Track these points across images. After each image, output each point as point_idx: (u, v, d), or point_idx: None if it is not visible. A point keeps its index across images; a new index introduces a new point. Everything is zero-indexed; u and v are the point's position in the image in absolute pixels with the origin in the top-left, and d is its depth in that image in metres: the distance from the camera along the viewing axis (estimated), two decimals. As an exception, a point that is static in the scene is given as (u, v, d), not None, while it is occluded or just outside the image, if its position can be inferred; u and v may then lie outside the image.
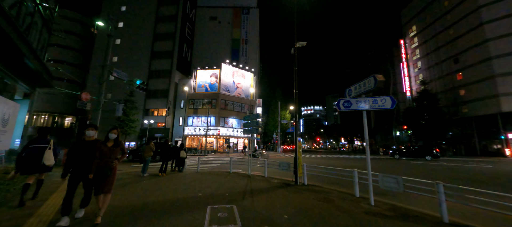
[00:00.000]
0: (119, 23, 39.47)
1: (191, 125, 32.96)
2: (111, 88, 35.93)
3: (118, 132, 3.73)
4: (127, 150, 6.63)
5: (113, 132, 3.67)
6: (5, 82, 6.81)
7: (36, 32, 7.54)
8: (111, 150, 3.52)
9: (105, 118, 34.26)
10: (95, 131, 3.67)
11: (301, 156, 7.56)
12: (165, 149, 8.80)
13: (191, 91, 34.55)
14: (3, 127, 6.47)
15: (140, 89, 14.46)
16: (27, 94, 8.52)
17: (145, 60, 36.95)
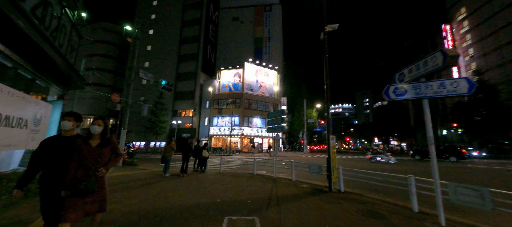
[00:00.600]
0: (150, 31, 42.08)
1: (216, 125, 33.34)
2: (144, 91, 38.45)
3: (105, 124, 2.44)
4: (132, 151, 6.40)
5: (97, 124, 2.39)
6: (38, 84, 7.09)
7: (65, 35, 7.75)
8: (95, 152, 2.30)
9: (139, 119, 36.85)
10: (74, 123, 2.39)
11: (335, 157, 6.44)
12: (185, 148, 8.46)
13: (216, 92, 34.99)
14: (35, 126, 6.72)
15: (165, 89, 14.72)
16: (61, 95, 8.97)
17: (172, 63, 38.68)
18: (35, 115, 6.85)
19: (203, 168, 9.72)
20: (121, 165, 11.60)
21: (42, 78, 7.02)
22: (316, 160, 18.40)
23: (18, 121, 5.94)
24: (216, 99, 34.41)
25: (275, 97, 36.34)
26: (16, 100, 5.71)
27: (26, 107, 6.29)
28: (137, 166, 11.55)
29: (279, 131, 8.23)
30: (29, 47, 5.74)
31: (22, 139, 6.28)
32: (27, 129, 6.50)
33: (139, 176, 7.95)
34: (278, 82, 37.59)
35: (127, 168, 10.52)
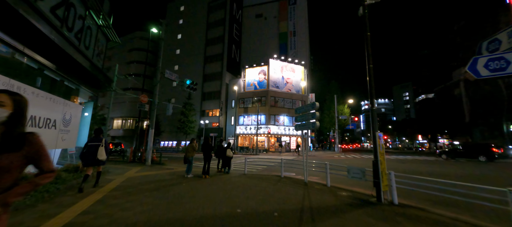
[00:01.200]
0: (178, 35, 44.11)
1: (242, 124, 33.13)
2: (174, 93, 40.45)
3: (13, 102, 1.31)
4: None
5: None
6: (67, 86, 7.28)
7: (91, 37, 7.87)
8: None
9: (171, 120, 38.89)
10: None
11: (384, 159, 5.11)
12: (206, 147, 7.94)
13: (241, 90, 34.81)
14: (65, 127, 6.90)
15: (190, 88, 14.67)
16: (92, 97, 9.33)
17: (199, 65, 39.81)
18: (64, 115, 7.03)
19: (227, 169, 9.14)
20: (149, 164, 11.80)
21: (70, 80, 7.20)
22: (353, 161, 16.51)
23: (46, 121, 6.06)
24: (241, 98, 34.22)
25: (303, 94, 34.55)
26: (42, 100, 5.80)
27: (53, 107, 6.44)
28: (163, 165, 11.60)
29: (309, 128, 7.12)
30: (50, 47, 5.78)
31: (51, 139, 6.44)
32: (56, 129, 6.67)
33: (161, 176, 7.70)
34: (305, 77, 35.67)
35: (154, 167, 10.56)
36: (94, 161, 5.38)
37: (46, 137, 6.01)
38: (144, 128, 44.10)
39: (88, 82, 8.32)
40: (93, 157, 5.34)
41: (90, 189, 5.42)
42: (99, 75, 8.39)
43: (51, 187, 4.74)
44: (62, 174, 5.85)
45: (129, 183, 6.24)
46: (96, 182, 5.81)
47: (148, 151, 11.94)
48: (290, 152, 29.48)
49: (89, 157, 5.34)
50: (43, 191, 4.43)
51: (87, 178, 5.31)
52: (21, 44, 4.79)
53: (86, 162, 5.39)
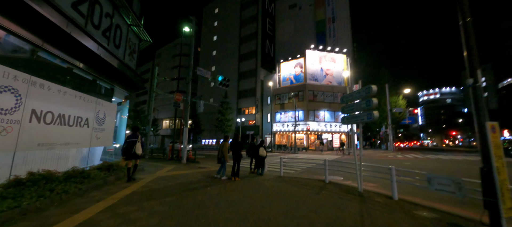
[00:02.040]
0: (214, 37, 45.56)
1: (279, 121, 31.75)
2: (212, 93, 41.94)
3: None
4: None
5: None
6: (100, 85, 7.38)
7: (121, 36, 7.85)
8: None
9: (210, 119, 40.45)
10: None
11: (504, 166, 3.13)
12: (236, 146, 7.00)
13: (276, 86, 33.44)
14: (99, 125, 6.97)
15: (222, 85, 14.20)
16: (127, 97, 9.57)
17: (234, 63, 40.14)
18: (97, 114, 7.12)
19: (260, 170, 8.07)
20: (185, 162, 11.73)
21: (101, 79, 7.27)
22: (417, 163, 13.35)
23: (76, 120, 6.08)
24: (277, 93, 32.84)
25: (346, 85, 30.88)
26: (70, 98, 5.78)
27: (84, 106, 6.48)
28: (198, 164, 11.33)
29: (362, 120, 5.37)
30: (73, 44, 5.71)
31: (84, 137, 6.50)
32: (89, 127, 6.75)
33: (190, 177, 7.14)
34: (348, 67, 31.82)
35: (188, 166, 10.31)
36: (132, 155, 5.99)
37: (78, 136, 6.03)
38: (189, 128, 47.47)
39: (122, 82, 8.44)
40: (132, 152, 5.96)
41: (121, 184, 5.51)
42: (131, 75, 8.42)
43: (72, 187, 4.49)
44: (92, 172, 5.76)
45: (153, 185, 5.77)
46: (133, 173, 6.29)
47: (183, 149, 11.91)
48: (332, 151, 26.66)
49: (128, 151, 5.96)
50: (61, 192, 4.17)
51: (129, 170, 6.09)
52: (41, 39, 4.68)
53: (127, 156, 6.01)
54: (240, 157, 6.97)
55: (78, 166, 5.90)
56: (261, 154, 7.98)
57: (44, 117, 4.83)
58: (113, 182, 5.92)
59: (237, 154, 6.95)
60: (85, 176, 5.42)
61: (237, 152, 6.96)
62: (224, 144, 7.06)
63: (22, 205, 3.39)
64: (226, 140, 7.19)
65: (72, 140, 5.71)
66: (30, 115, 4.45)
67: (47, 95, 4.86)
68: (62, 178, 4.70)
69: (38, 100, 4.64)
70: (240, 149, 7.00)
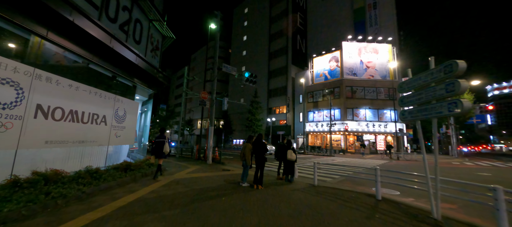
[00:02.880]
0: (244, 37, 45.53)
1: (312, 121, 29.49)
2: (243, 93, 41.88)
3: None
4: None
5: None
6: (121, 82, 7.17)
7: (142, 31, 7.56)
8: None
9: (240, 119, 40.43)
10: None
11: None
12: (258, 148, 5.87)
13: (309, 83, 31.20)
14: (118, 123, 6.73)
15: (249, 82, 13.29)
16: (152, 95, 9.41)
17: (264, 62, 39.23)
18: (116, 111, 6.90)
19: (289, 177, 6.79)
20: (210, 162, 11.19)
21: (121, 75, 7.05)
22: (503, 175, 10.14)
23: (92, 117, 5.83)
24: (309, 91, 30.59)
25: (392, 79, 26.82)
26: (84, 94, 5.51)
27: (101, 102, 6.23)
28: (222, 165, 10.62)
29: (439, 114, 3.63)
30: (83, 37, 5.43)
31: (101, 135, 6.25)
32: (107, 125, 6.52)
33: (208, 182, 6.33)
34: (394, 57, 27.58)
35: (212, 167, 9.67)
36: (162, 154, 6.50)
37: (94, 133, 5.76)
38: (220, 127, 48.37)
39: (143, 79, 8.22)
40: (160, 151, 6.46)
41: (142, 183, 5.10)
42: (152, 71, 8.13)
43: (73, 190, 4.03)
44: (106, 173, 5.40)
45: (164, 191, 5.08)
46: (155, 175, 6.49)
47: (208, 150, 11.40)
48: (376, 155, 23.27)
49: (157, 150, 6.47)
50: (57, 196, 3.71)
51: (160, 167, 6.58)
52: (45, 28, 4.38)
53: (157, 155, 6.51)
54: (263, 161, 5.83)
55: (94, 166, 5.63)
56: (290, 158, 6.69)
57: (53, 113, 4.54)
58: (125, 184, 5.47)
59: (261, 158, 5.83)
60: (96, 177, 5.04)
61: (260, 155, 5.84)
62: (246, 145, 6.03)
63: (2, 213, 2.91)
64: (249, 140, 6.14)
65: (87, 138, 5.44)
66: (35, 110, 4.16)
67: (55, 90, 4.57)
68: (67, 179, 4.31)
69: (45, 94, 4.35)
70: (263, 152, 5.86)
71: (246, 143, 6.08)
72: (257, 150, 5.88)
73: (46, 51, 4.75)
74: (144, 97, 8.91)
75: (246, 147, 5.99)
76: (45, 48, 4.72)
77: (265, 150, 5.89)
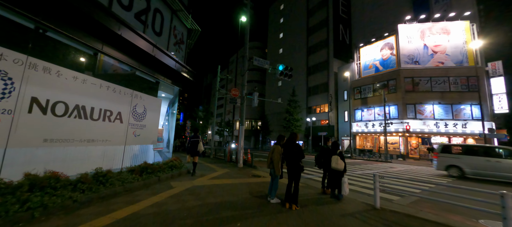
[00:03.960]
0: (280, 34, 43.91)
1: (360, 120, 25.56)
2: (280, 92, 40.24)
3: None
4: None
5: None
6: (141, 77, 6.67)
7: (163, 22, 6.98)
8: None
9: (278, 119, 38.81)
10: None
11: None
12: (291, 153, 4.28)
13: (355, 77, 27.29)
14: (137, 120, 6.20)
15: (284, 76, 11.74)
16: (179, 92, 8.85)
17: (302, 58, 36.69)
18: (134, 108, 6.37)
19: (337, 192, 4.96)
20: (241, 165, 10.10)
21: (140, 69, 6.53)
22: None
23: (103, 113, 5.32)
24: (356, 86, 26.68)
25: (470, 65, 20.81)
26: (93, 88, 4.95)
27: (114, 97, 5.67)
28: (253, 170, 9.36)
29: None
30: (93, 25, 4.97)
31: (115, 134, 5.66)
32: (123, 123, 6.00)
33: (230, 192, 5.11)
34: (475, 37, 21.38)
35: (241, 172, 8.51)
36: (196, 152, 7.04)
37: (107, 132, 5.23)
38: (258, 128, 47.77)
39: (166, 74, 7.65)
40: (195, 150, 7.01)
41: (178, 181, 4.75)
42: (175, 66, 7.50)
43: (57, 201, 3.33)
44: (117, 176, 4.77)
45: (171, 204, 4.06)
46: (193, 172, 7.07)
47: (238, 152, 10.34)
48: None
49: (193, 149, 7.04)
50: (36, 206, 3.02)
51: (195, 165, 7.11)
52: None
53: (191, 154, 7.11)
54: (299, 170, 4.21)
55: (110, 167, 5.09)
56: (335, 167, 4.85)
57: (53, 108, 4.05)
58: (134, 190, 4.71)
59: (294, 166, 4.23)
60: (102, 181, 4.41)
61: (293, 162, 4.24)
62: (275, 148, 4.53)
63: None
64: (279, 141, 4.62)
65: (97, 137, 4.92)
66: (29, 104, 3.67)
67: (56, 82, 4.08)
68: (64, 184, 3.69)
69: (42, 87, 3.86)
70: (298, 157, 4.24)
71: (275, 145, 4.58)
72: (290, 155, 4.30)
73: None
74: (169, 94, 8.42)
75: (274, 150, 4.50)
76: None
77: (300, 155, 4.27)
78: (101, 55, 5.36)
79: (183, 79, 8.53)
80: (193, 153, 7.05)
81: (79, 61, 4.89)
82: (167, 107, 8.98)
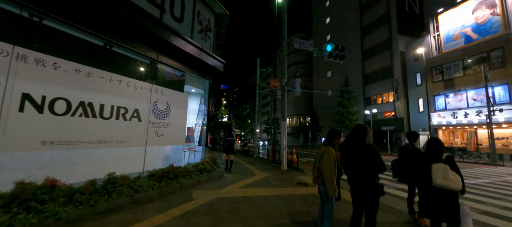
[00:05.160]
0: (326, 19, 39.49)
1: (444, 109, 19.55)
2: (330, 84, 36.11)
3: None
4: None
5: None
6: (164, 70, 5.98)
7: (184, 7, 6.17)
8: None
9: (329, 114, 34.89)
10: None
11: None
12: (352, 158, 2.42)
13: (432, 54, 21.16)
14: (159, 118, 5.51)
15: (334, 57, 9.46)
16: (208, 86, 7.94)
17: (356, 42, 31.61)
18: (154, 104, 5.67)
19: (444, 227, 2.76)
20: (285, 168, 8.50)
21: (159, 61, 5.81)
22: None
23: (116, 111, 4.69)
24: (435, 65, 20.58)
25: None
26: (101, 82, 4.41)
27: (128, 92, 5.00)
28: (300, 174, 7.60)
29: None
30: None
31: (132, 134, 5.05)
32: (142, 122, 5.37)
33: (262, 212, 3.66)
34: None
35: (284, 177, 6.92)
36: (232, 150, 7.28)
37: (123, 132, 4.59)
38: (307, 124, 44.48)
39: (191, 66, 6.80)
40: (231, 148, 7.26)
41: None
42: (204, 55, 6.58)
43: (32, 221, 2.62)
44: (132, 184, 4.04)
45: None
46: (230, 169, 7.32)
47: (281, 151, 8.76)
48: None
49: (228, 147, 7.26)
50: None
51: (230, 162, 7.35)
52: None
53: (227, 151, 7.28)
54: (374, 192, 2.32)
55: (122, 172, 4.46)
56: (446, 185, 2.60)
57: (51, 106, 3.52)
58: (145, 202, 3.84)
59: (364, 184, 2.35)
60: (109, 190, 3.70)
61: (362, 178, 2.37)
62: (325, 151, 2.75)
63: None
64: (333, 139, 2.83)
65: (110, 138, 4.32)
66: (20, 102, 3.17)
67: (53, 76, 3.55)
68: (55, 195, 3.05)
69: (36, 81, 3.35)
70: (372, 169, 2.35)
71: (326, 147, 2.80)
72: (354, 164, 2.46)
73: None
74: (199, 89, 7.63)
75: (324, 154, 2.71)
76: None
77: (377, 165, 2.35)
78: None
79: (213, 72, 7.58)
80: (229, 151, 7.29)
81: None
82: (199, 104, 8.26)
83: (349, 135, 2.62)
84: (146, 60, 5.51)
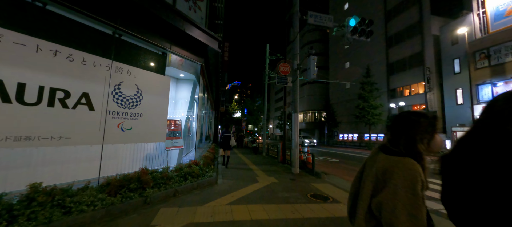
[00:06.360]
0: (345, 6, 36.32)
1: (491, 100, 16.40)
2: (348, 76, 33.21)
3: None
4: None
5: None
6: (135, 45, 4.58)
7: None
8: None
9: (347, 108, 32.18)
10: None
11: None
12: None
13: (476, 36, 17.87)
14: (126, 107, 4.15)
15: (359, 33, 7.56)
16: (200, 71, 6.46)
17: (379, 28, 28.38)
18: (117, 87, 4.29)
19: None
20: (297, 171, 6.87)
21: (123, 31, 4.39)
22: None
23: (49, 94, 3.27)
24: (480, 49, 17.32)
25: None
26: (19, 50, 3.11)
27: (74, 71, 3.72)
28: (316, 181, 5.91)
29: None
30: None
31: (79, 126, 3.65)
32: (95, 110, 4.01)
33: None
34: None
35: (294, 184, 5.31)
36: (229, 146, 7.35)
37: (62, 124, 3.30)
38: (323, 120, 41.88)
39: (181, 45, 5.36)
40: (227, 144, 7.33)
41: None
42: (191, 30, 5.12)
43: None
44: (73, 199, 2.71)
45: None
46: (226, 164, 7.37)
47: (293, 150, 7.11)
48: None
49: (225, 143, 7.34)
50: None
51: (227, 158, 7.39)
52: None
53: (224, 147, 7.39)
54: None
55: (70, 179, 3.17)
56: None
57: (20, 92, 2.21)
58: None
59: None
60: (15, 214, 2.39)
61: None
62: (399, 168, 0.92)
63: None
64: (415, 134, 0.99)
65: (39, 132, 3.01)
66: None
67: None
68: None
69: None
70: None
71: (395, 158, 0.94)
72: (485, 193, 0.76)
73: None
74: (190, 74, 6.19)
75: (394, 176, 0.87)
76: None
77: None
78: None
79: (206, 53, 6.09)
80: (225, 147, 7.33)
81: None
82: (191, 93, 6.85)
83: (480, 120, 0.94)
84: (106, 29, 4.10)
